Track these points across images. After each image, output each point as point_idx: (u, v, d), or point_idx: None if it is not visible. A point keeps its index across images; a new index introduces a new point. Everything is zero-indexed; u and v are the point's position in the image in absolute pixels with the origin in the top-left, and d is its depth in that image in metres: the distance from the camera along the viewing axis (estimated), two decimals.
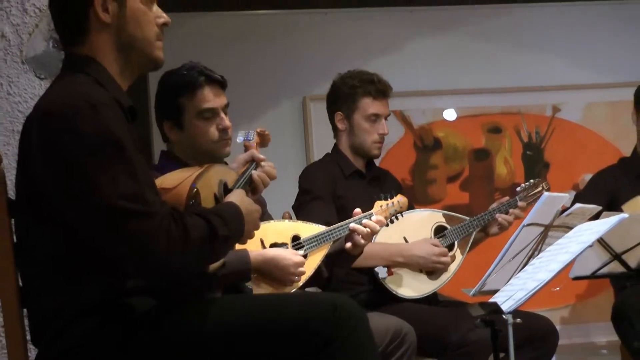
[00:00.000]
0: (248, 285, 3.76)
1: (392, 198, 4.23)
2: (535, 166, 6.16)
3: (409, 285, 4.49)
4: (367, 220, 4.02)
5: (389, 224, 4.23)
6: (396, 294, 4.46)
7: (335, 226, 4.06)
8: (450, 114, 6.20)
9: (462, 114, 6.21)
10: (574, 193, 5.33)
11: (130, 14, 2.78)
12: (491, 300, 3.43)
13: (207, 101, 3.73)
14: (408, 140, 6.11)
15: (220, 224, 2.68)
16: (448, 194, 6.07)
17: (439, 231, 4.62)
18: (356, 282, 4.47)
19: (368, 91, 4.59)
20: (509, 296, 3.39)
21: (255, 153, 3.19)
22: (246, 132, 3.25)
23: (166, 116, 3.84)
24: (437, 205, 5.73)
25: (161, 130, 3.92)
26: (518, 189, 4.79)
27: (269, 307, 2.82)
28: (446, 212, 4.80)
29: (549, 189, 4.86)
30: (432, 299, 4.58)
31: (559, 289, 5.69)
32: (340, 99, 4.65)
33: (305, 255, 3.92)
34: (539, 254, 3.81)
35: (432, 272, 4.52)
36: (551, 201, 3.99)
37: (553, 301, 5.94)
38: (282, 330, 2.72)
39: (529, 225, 3.92)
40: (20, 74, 4.32)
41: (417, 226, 4.59)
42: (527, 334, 4.27)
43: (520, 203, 4.66)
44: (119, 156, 2.57)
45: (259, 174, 3.22)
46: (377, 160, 4.83)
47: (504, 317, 3.40)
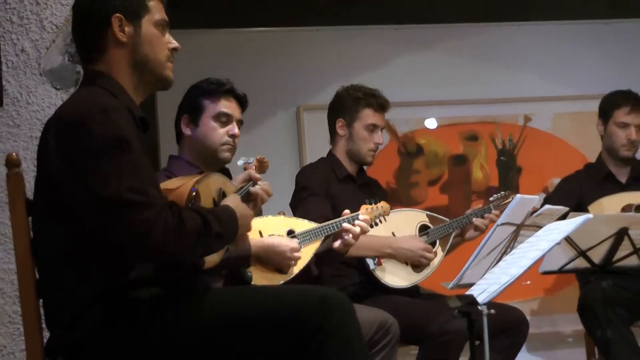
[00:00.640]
0: (248, 270, 3.78)
1: (376, 203, 4.27)
2: (509, 171, 6.17)
3: (395, 275, 4.52)
4: (358, 221, 4.04)
5: (372, 225, 4.23)
6: (384, 282, 4.47)
7: (327, 223, 4.11)
8: (431, 123, 6.20)
9: (442, 123, 6.21)
10: (543, 195, 5.34)
11: (144, 36, 2.83)
12: (468, 293, 3.42)
13: (226, 107, 3.88)
14: (393, 147, 6.10)
15: (215, 221, 2.71)
16: (429, 196, 6.06)
17: (423, 229, 4.65)
18: (344, 276, 4.48)
19: (370, 103, 4.65)
20: (484, 289, 3.39)
21: (253, 173, 3.24)
22: (247, 157, 3.29)
23: (187, 111, 3.96)
24: (419, 206, 5.72)
25: (177, 126, 4.01)
26: (491, 198, 4.84)
27: (263, 299, 2.83)
28: (429, 213, 4.82)
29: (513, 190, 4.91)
30: (414, 291, 4.59)
31: (529, 282, 5.73)
32: (344, 108, 4.70)
33: (299, 246, 3.95)
34: (511, 250, 3.81)
35: (416, 265, 4.55)
36: (523, 203, 4.00)
37: (524, 294, 5.93)
38: (275, 320, 2.73)
39: (502, 225, 3.93)
40: (38, 84, 4.32)
41: (404, 223, 4.62)
42: (500, 323, 4.27)
43: (494, 211, 4.69)
44: (125, 153, 2.61)
45: (257, 189, 3.24)
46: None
47: (479, 308, 3.39)
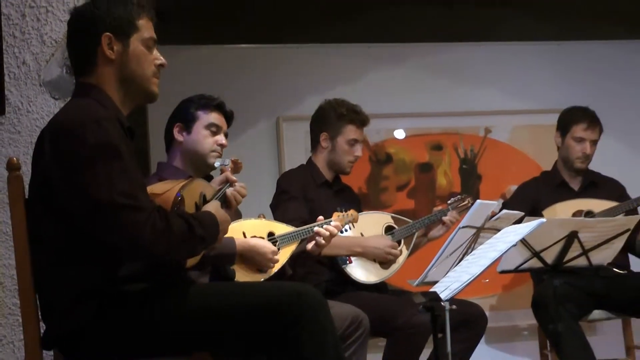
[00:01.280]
0: (232, 268, 3.81)
1: (347, 211, 4.32)
2: (470, 178, 6.18)
3: (364, 272, 4.52)
4: (327, 225, 4.08)
5: (343, 231, 4.31)
6: (354, 278, 4.48)
7: (303, 228, 4.15)
8: (399, 134, 6.20)
9: (410, 133, 6.21)
10: (501, 201, 5.34)
11: (132, 54, 2.84)
12: (432, 290, 3.42)
13: (216, 119, 3.95)
14: (364, 155, 6.06)
15: (199, 226, 2.72)
16: (397, 200, 6.07)
17: (389, 230, 4.66)
18: (318, 273, 4.48)
19: (353, 120, 4.67)
20: (447, 286, 3.39)
21: (229, 175, 3.25)
22: (223, 159, 3.30)
23: (180, 120, 4.00)
24: (388, 210, 5.72)
25: (168, 132, 4.04)
26: (449, 201, 4.86)
27: (245, 293, 2.84)
28: (394, 215, 4.83)
29: (475, 200, 4.90)
30: (382, 288, 4.60)
31: (488, 280, 5.75)
32: (328, 122, 4.70)
33: (278, 248, 3.97)
34: (471, 251, 3.81)
35: (383, 262, 4.56)
36: (483, 207, 4.01)
37: (483, 291, 5.94)
38: (255, 313, 2.74)
39: (464, 228, 3.93)
40: (38, 94, 4.30)
41: (371, 225, 4.63)
42: (461, 318, 4.29)
43: (451, 213, 4.73)
44: (116, 160, 2.62)
45: (232, 192, 3.25)
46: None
47: (442, 304, 3.40)
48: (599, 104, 5.34)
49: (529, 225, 3.57)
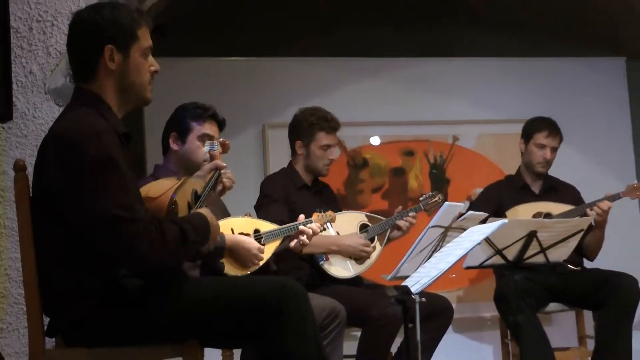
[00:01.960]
0: (221, 261, 3.82)
1: (325, 212, 4.34)
2: (439, 182, 6.17)
3: (340, 268, 4.52)
4: (310, 225, 4.09)
5: (322, 230, 4.30)
6: (331, 274, 4.48)
7: (286, 226, 4.16)
8: (375, 140, 6.20)
9: (385, 140, 6.21)
10: (468, 203, 5.35)
11: (131, 64, 2.78)
12: (403, 284, 3.42)
13: (209, 129, 3.92)
14: (343, 160, 6.10)
15: (191, 231, 2.70)
16: (372, 201, 6.06)
17: (363, 228, 4.66)
18: (299, 268, 4.48)
19: (323, 127, 4.63)
20: (417, 281, 3.39)
21: (219, 162, 3.19)
22: (212, 142, 3.25)
23: (175, 130, 3.97)
24: (364, 210, 5.71)
25: (164, 141, 4.02)
26: (420, 198, 4.87)
27: (232, 287, 2.84)
28: (368, 213, 4.84)
29: (445, 198, 4.92)
30: (357, 281, 4.59)
31: (455, 275, 5.75)
32: (301, 131, 4.68)
33: (263, 244, 3.98)
34: (440, 249, 3.82)
35: (358, 258, 4.56)
36: (450, 209, 4.02)
37: (450, 285, 5.95)
38: (242, 304, 2.72)
39: (433, 227, 3.95)
40: (43, 102, 4.29)
41: (347, 223, 4.63)
42: (430, 310, 4.30)
43: (404, 221, 4.71)
44: (114, 173, 2.58)
45: (223, 180, 3.22)
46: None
47: (413, 297, 3.39)
48: (559, 116, 5.35)
49: (493, 225, 3.57)
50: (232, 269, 3.85)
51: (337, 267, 4.51)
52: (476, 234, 3.53)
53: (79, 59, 2.81)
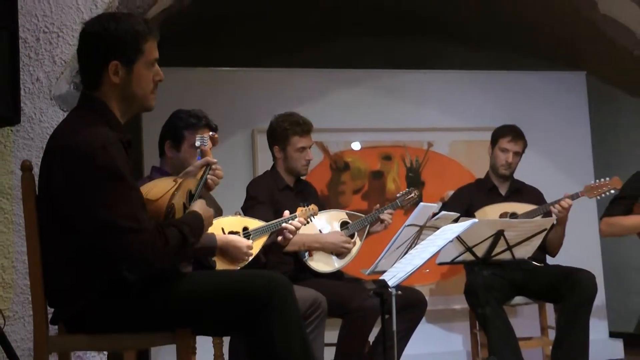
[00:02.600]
0: (213, 259, 3.83)
1: (308, 206, 4.34)
2: (415, 184, 6.13)
3: (322, 264, 4.51)
4: (292, 221, 4.12)
5: (306, 223, 4.31)
6: (314, 269, 4.48)
7: (272, 222, 4.18)
8: (356, 145, 6.20)
9: (365, 145, 6.21)
10: (441, 204, 5.35)
11: (135, 77, 2.74)
12: (381, 278, 3.42)
13: None
14: (326, 163, 6.10)
15: (190, 233, 2.69)
16: (352, 202, 6.06)
17: (344, 225, 4.65)
18: (284, 263, 4.47)
19: (296, 131, 4.59)
20: (394, 275, 3.39)
21: (209, 158, 3.13)
22: (202, 137, 3.19)
23: (170, 138, 3.95)
24: (345, 210, 5.73)
25: (161, 145, 4.00)
26: (397, 195, 4.86)
27: (222, 280, 2.83)
28: (348, 211, 4.84)
29: (420, 194, 4.95)
30: (339, 275, 4.59)
31: (428, 270, 5.76)
32: (277, 137, 4.64)
33: (252, 240, 4.00)
34: (415, 246, 3.82)
35: (339, 254, 4.55)
36: (425, 209, 4.02)
37: (424, 279, 5.95)
38: (233, 296, 2.72)
39: (409, 226, 3.95)
40: (49, 107, 4.28)
41: (329, 221, 4.62)
42: (405, 302, 4.29)
43: (385, 214, 4.70)
44: (119, 184, 2.56)
45: (211, 177, 3.18)
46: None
47: (390, 290, 3.40)
48: (525, 124, 5.37)
49: (463, 225, 3.58)
50: (224, 265, 3.88)
51: (319, 262, 4.51)
52: (448, 232, 3.53)
53: (86, 69, 2.79)
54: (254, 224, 4.13)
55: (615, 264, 7.01)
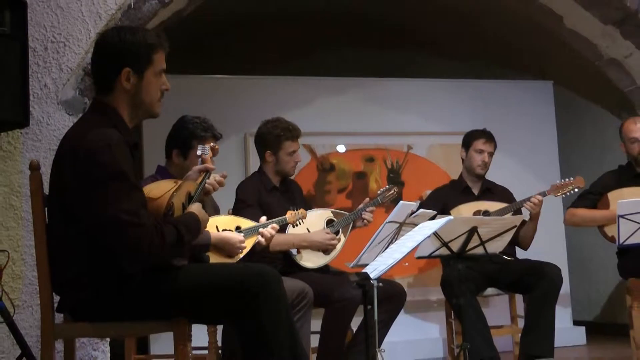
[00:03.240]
0: (207, 254, 3.82)
1: (298, 210, 4.36)
2: (395, 184, 6.15)
3: (310, 260, 4.50)
4: (266, 228, 4.13)
5: (294, 226, 4.38)
6: (303, 265, 4.47)
7: (262, 223, 4.18)
8: (341, 148, 6.20)
9: (349, 148, 6.21)
10: (419, 202, 5.35)
11: (144, 84, 2.76)
12: (363, 270, 3.42)
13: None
14: (313, 164, 6.10)
15: (186, 232, 2.69)
16: (337, 201, 6.06)
17: (329, 223, 4.64)
18: (275, 257, 4.45)
19: (288, 137, 4.56)
20: (375, 268, 3.39)
21: (209, 165, 3.14)
22: (203, 147, 3.20)
23: (178, 147, 3.98)
24: (330, 208, 5.71)
25: (167, 149, 4.03)
26: (378, 192, 4.85)
27: (216, 272, 2.82)
28: (333, 210, 4.82)
29: (399, 191, 5.00)
30: (324, 268, 4.58)
31: (407, 264, 5.77)
32: (269, 143, 4.59)
33: (244, 238, 3.99)
34: (395, 241, 3.82)
35: (325, 250, 4.54)
36: (404, 207, 4.02)
37: (404, 272, 5.96)
38: (226, 287, 2.72)
39: (389, 222, 3.95)
40: (56, 111, 4.27)
41: (316, 219, 4.61)
42: (386, 293, 4.29)
43: (366, 213, 4.69)
44: (122, 182, 2.57)
45: (210, 182, 3.19)
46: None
47: (372, 282, 3.40)
48: (497, 130, 5.37)
49: (440, 222, 3.58)
50: (219, 260, 3.87)
51: (307, 260, 4.50)
52: (426, 228, 3.54)
53: (100, 74, 2.80)
54: (245, 223, 4.13)
55: (580, 258, 7.04)
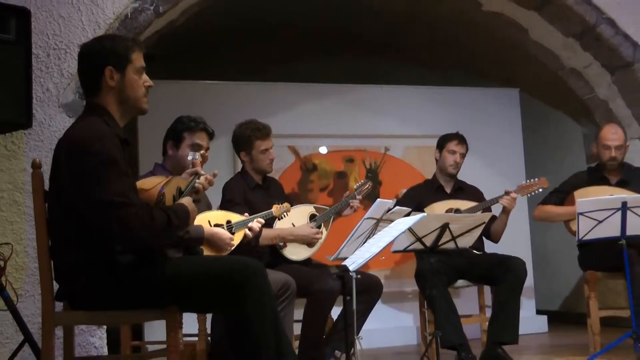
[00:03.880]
0: (200, 247, 3.81)
1: (282, 204, 4.35)
2: (373, 183, 6.19)
3: (295, 252, 4.51)
4: (253, 222, 4.12)
5: (279, 218, 4.39)
6: (289, 257, 4.47)
7: (250, 217, 4.17)
8: (323, 149, 6.19)
9: (331, 149, 6.21)
10: (395, 200, 5.36)
11: (127, 81, 2.80)
12: (343, 263, 3.42)
13: (199, 139, 3.92)
14: (296, 165, 6.09)
15: (175, 217, 2.70)
16: (320, 198, 6.04)
17: (312, 217, 4.65)
18: (262, 251, 4.45)
19: (257, 136, 4.52)
20: (354, 261, 3.39)
21: (198, 169, 3.17)
22: (194, 154, 3.24)
23: (172, 138, 3.96)
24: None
25: (164, 146, 4.00)
26: (355, 186, 4.86)
27: (206, 265, 2.83)
28: (316, 205, 4.83)
29: (373, 185, 5.09)
30: (307, 261, 4.58)
31: (384, 257, 5.77)
32: (242, 144, 4.57)
33: (234, 232, 4.00)
34: (373, 236, 3.82)
35: (310, 243, 4.54)
36: (381, 204, 4.03)
37: (381, 265, 5.96)
38: (213, 279, 2.72)
39: (367, 219, 3.95)
40: (57, 114, 4.27)
41: (300, 214, 4.62)
42: (364, 285, 4.30)
43: (358, 197, 4.73)
44: (113, 169, 2.58)
45: (201, 182, 3.20)
46: (276, 174, 4.81)
47: (350, 274, 3.40)
48: (466, 133, 5.37)
49: (414, 218, 3.59)
50: (209, 254, 3.86)
51: (292, 252, 4.50)
52: (402, 225, 3.54)
53: (86, 78, 2.85)
54: (235, 217, 4.12)
55: (543, 253, 7.09)
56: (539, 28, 5.84)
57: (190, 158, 3.26)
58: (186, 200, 2.88)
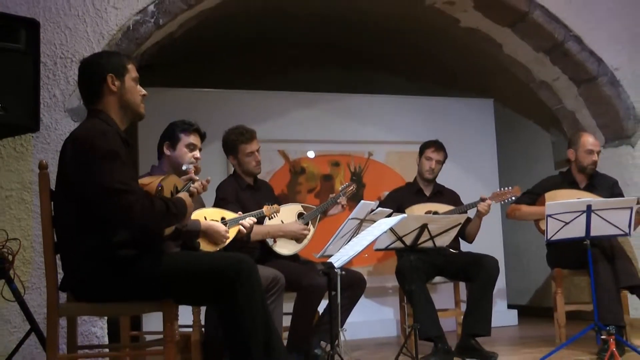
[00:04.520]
0: (197, 241, 3.83)
1: (273, 205, 4.35)
2: (357, 186, 6.20)
3: (285, 247, 4.51)
4: (244, 220, 4.11)
5: (270, 218, 4.38)
6: (279, 252, 4.47)
7: (243, 215, 4.17)
8: (311, 154, 6.20)
9: (318, 154, 6.21)
10: (378, 202, 5.36)
11: (126, 87, 2.86)
12: (329, 260, 3.44)
13: (193, 140, 3.89)
14: (286, 168, 6.09)
15: (173, 206, 2.74)
16: (307, 200, 6.04)
17: (300, 216, 4.65)
18: (251, 247, 4.45)
19: (242, 140, 4.50)
20: (339, 258, 3.41)
21: (192, 176, 3.18)
22: (188, 164, 3.30)
23: (168, 139, 3.92)
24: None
25: (160, 148, 3.96)
26: (340, 187, 4.86)
27: (200, 260, 2.84)
28: (304, 204, 4.82)
29: (357, 187, 5.08)
30: (295, 257, 4.58)
31: (367, 255, 5.78)
32: (230, 148, 4.56)
33: (228, 228, 4.00)
34: (357, 235, 3.83)
35: (298, 240, 4.54)
36: (365, 206, 4.04)
37: (364, 262, 5.97)
38: (207, 273, 2.74)
39: (352, 219, 3.96)
40: (63, 118, 4.26)
41: (288, 213, 4.61)
42: (348, 281, 4.31)
43: (342, 198, 4.72)
44: (115, 159, 2.64)
45: (196, 186, 3.22)
46: (267, 176, 4.80)
47: (336, 270, 3.42)
48: (444, 140, 5.37)
49: (395, 219, 3.61)
50: (206, 246, 3.88)
51: (282, 247, 4.50)
52: (384, 225, 3.56)
53: (88, 88, 2.89)
54: (229, 215, 4.12)
55: (514, 252, 7.12)
56: (512, 43, 5.88)
57: (184, 168, 3.31)
58: (182, 194, 2.92)
